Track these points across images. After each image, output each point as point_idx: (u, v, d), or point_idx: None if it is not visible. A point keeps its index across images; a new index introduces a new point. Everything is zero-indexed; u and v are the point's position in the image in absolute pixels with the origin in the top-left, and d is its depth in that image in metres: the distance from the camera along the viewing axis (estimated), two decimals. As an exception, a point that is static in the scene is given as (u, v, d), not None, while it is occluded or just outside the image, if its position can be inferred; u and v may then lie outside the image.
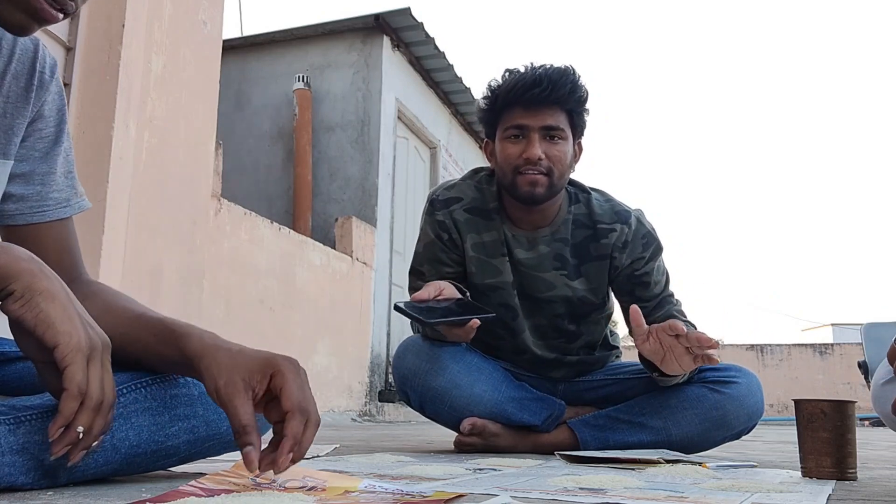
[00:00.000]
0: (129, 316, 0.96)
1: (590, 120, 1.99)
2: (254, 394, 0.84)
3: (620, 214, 1.99)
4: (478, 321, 1.73)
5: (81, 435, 0.78)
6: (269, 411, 0.86)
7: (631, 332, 2.06)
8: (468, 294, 1.86)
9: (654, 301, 1.99)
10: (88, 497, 0.81)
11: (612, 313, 2.17)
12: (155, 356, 0.94)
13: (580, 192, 2.05)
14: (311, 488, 0.83)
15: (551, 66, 1.92)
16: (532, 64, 1.94)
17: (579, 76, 1.93)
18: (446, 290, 1.76)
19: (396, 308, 1.71)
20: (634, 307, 1.76)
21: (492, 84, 1.96)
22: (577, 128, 1.96)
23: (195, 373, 0.88)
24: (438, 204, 2.02)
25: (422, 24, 6.65)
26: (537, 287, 2.00)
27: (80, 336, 0.77)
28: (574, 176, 2.06)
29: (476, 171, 2.10)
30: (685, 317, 1.99)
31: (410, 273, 2.09)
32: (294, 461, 0.82)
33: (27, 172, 1.01)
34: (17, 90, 0.99)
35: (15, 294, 0.76)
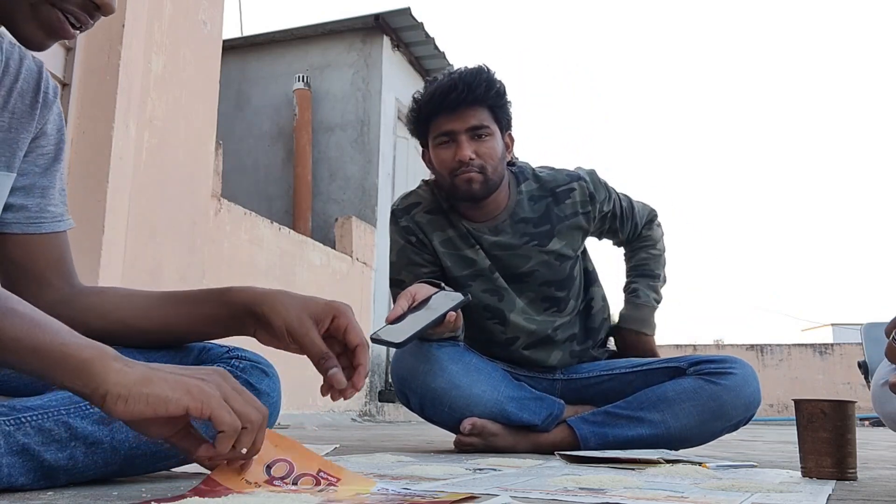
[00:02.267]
0: (158, 292, 1.03)
1: (514, 112, 2.09)
2: (319, 330, 0.95)
3: (571, 175, 2.13)
4: (453, 314, 1.73)
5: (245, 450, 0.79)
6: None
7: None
8: (443, 285, 1.86)
9: (629, 226, 2.20)
10: (88, 497, 0.81)
11: (606, 303, 2.24)
12: (197, 318, 0.99)
13: (524, 171, 2.14)
14: (322, 490, 0.82)
15: (464, 68, 2.02)
16: (448, 71, 2.04)
17: (493, 73, 2.02)
18: (419, 293, 1.76)
19: (371, 339, 1.71)
20: None
21: (416, 96, 2.05)
22: (502, 121, 2.05)
23: (252, 319, 0.95)
24: (399, 212, 2.11)
25: (422, 24, 6.65)
26: (516, 264, 2.06)
27: (200, 386, 0.75)
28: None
29: (427, 181, 2.18)
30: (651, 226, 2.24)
31: (391, 285, 2.12)
32: (356, 389, 0.94)
33: (28, 185, 1.04)
34: (22, 107, 1.02)
35: (113, 391, 0.72)
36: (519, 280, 2.07)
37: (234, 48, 6.78)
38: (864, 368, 3.11)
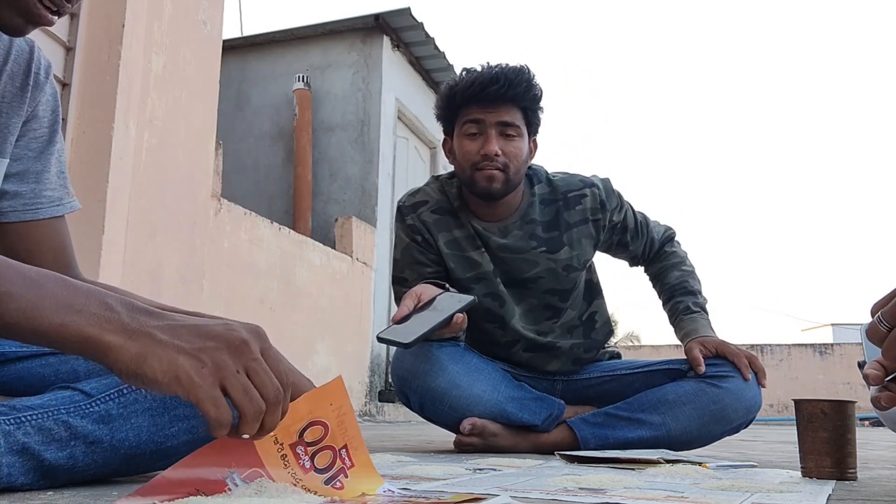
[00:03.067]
0: None
1: (544, 118, 2.07)
2: None
3: (585, 180, 2.10)
4: (461, 315, 1.73)
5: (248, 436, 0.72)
6: None
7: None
8: (447, 286, 1.87)
9: (644, 241, 2.16)
10: (88, 497, 0.81)
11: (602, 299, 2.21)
12: None
13: (538, 174, 2.12)
14: (331, 479, 0.82)
15: (507, 64, 1.99)
16: (488, 63, 2.01)
17: (534, 75, 2.01)
18: (424, 294, 1.78)
19: (379, 339, 1.73)
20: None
21: (450, 83, 2.03)
22: (532, 125, 2.03)
23: None
24: (406, 209, 2.09)
25: (422, 24, 6.65)
26: (521, 269, 2.04)
27: (189, 374, 0.69)
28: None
29: (437, 177, 2.16)
30: (688, 269, 2.16)
31: (393, 283, 2.12)
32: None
33: (21, 171, 1.02)
34: (12, 90, 1.00)
35: (115, 369, 0.70)
36: (522, 286, 2.05)
37: (234, 48, 6.77)
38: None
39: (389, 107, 6.76)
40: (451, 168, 2.11)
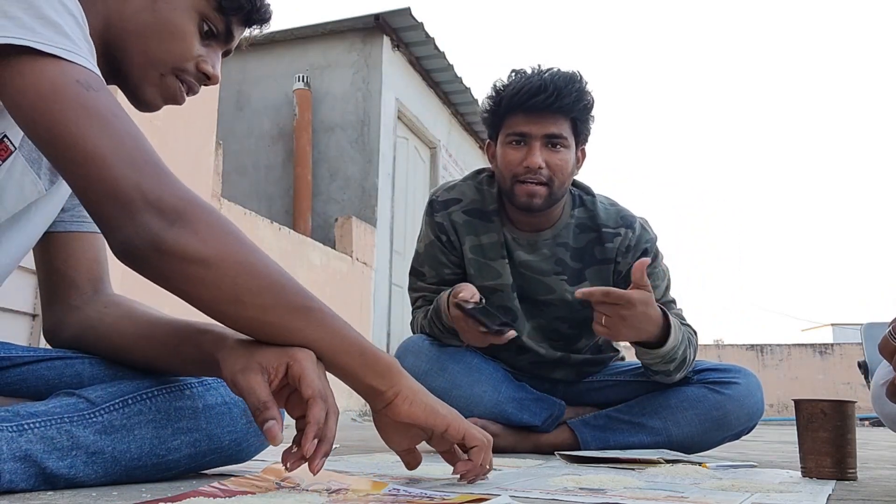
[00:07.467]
0: (148, 320, 1.02)
1: (594, 126, 1.96)
2: (270, 379, 0.84)
3: (626, 219, 1.98)
4: (514, 333, 1.76)
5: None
6: (290, 406, 0.88)
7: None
8: (484, 301, 1.85)
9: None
10: (88, 498, 0.81)
11: None
12: (174, 356, 0.96)
13: (584, 195, 2.02)
14: (334, 491, 0.82)
15: (557, 70, 1.89)
16: (539, 66, 1.91)
17: (586, 83, 1.90)
18: (476, 296, 1.79)
19: (460, 308, 1.75)
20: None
21: (497, 85, 1.92)
22: (581, 135, 1.93)
23: (214, 367, 0.90)
24: (437, 205, 2.02)
25: (422, 24, 6.65)
26: (537, 290, 2.00)
27: (456, 414, 0.98)
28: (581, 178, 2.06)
29: (478, 172, 2.08)
30: (684, 320, 1.98)
31: (411, 273, 2.10)
32: (325, 454, 0.82)
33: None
34: None
35: (399, 398, 0.92)
36: (534, 304, 2.01)
37: (235, 48, 6.77)
38: (864, 368, 3.11)
39: (389, 107, 6.76)
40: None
